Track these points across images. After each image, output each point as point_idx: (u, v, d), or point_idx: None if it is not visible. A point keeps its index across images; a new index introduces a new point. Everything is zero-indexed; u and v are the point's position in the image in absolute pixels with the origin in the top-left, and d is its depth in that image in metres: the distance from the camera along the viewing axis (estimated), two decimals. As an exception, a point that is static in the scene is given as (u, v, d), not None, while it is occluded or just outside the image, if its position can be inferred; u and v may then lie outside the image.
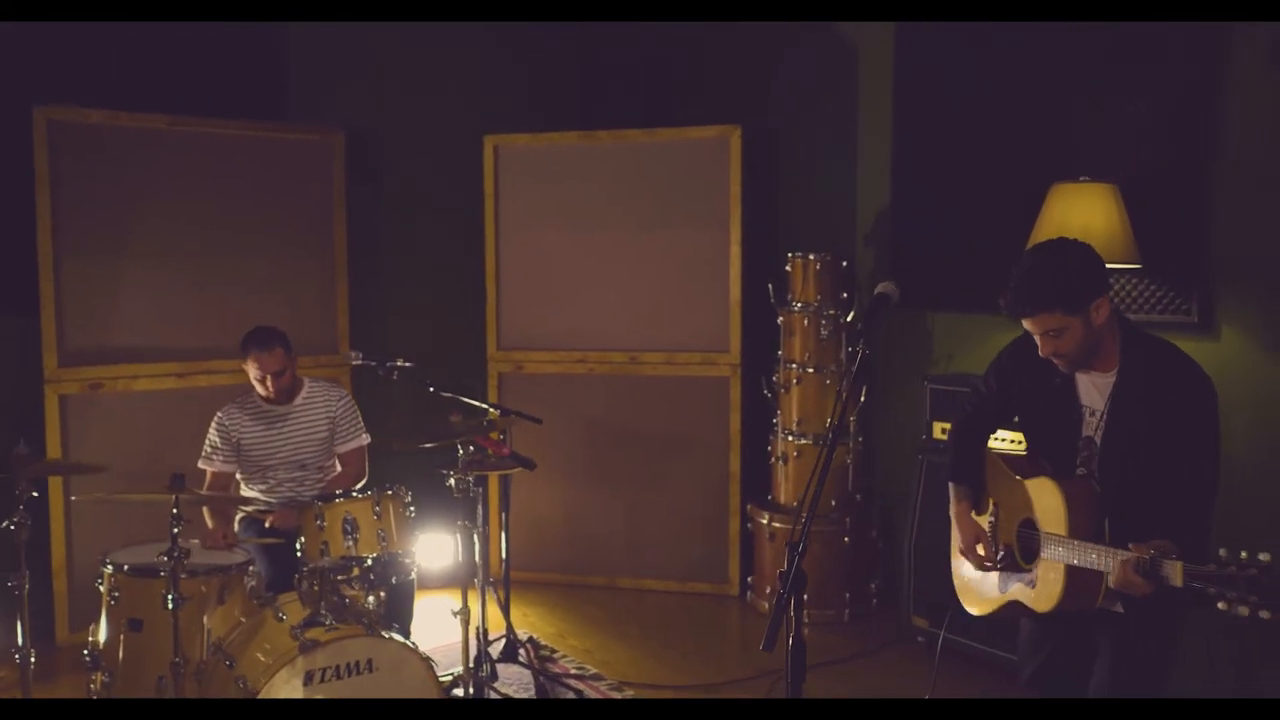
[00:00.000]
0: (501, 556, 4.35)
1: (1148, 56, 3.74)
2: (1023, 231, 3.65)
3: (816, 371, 4.76)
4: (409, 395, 4.30)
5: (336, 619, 3.10)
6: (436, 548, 4.95)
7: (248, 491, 4.11)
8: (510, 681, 3.99)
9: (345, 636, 3.04)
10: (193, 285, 4.74)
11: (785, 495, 4.89)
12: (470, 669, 3.57)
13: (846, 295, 4.80)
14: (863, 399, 4.79)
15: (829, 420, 4.72)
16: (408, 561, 3.53)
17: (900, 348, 4.79)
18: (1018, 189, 3.96)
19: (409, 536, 3.59)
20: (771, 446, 4.96)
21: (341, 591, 3.30)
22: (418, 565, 3.64)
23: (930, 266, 4.56)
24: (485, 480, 4.01)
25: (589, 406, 5.25)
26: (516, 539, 4.98)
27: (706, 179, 5.03)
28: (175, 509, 3.07)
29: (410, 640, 3.31)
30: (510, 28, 5.45)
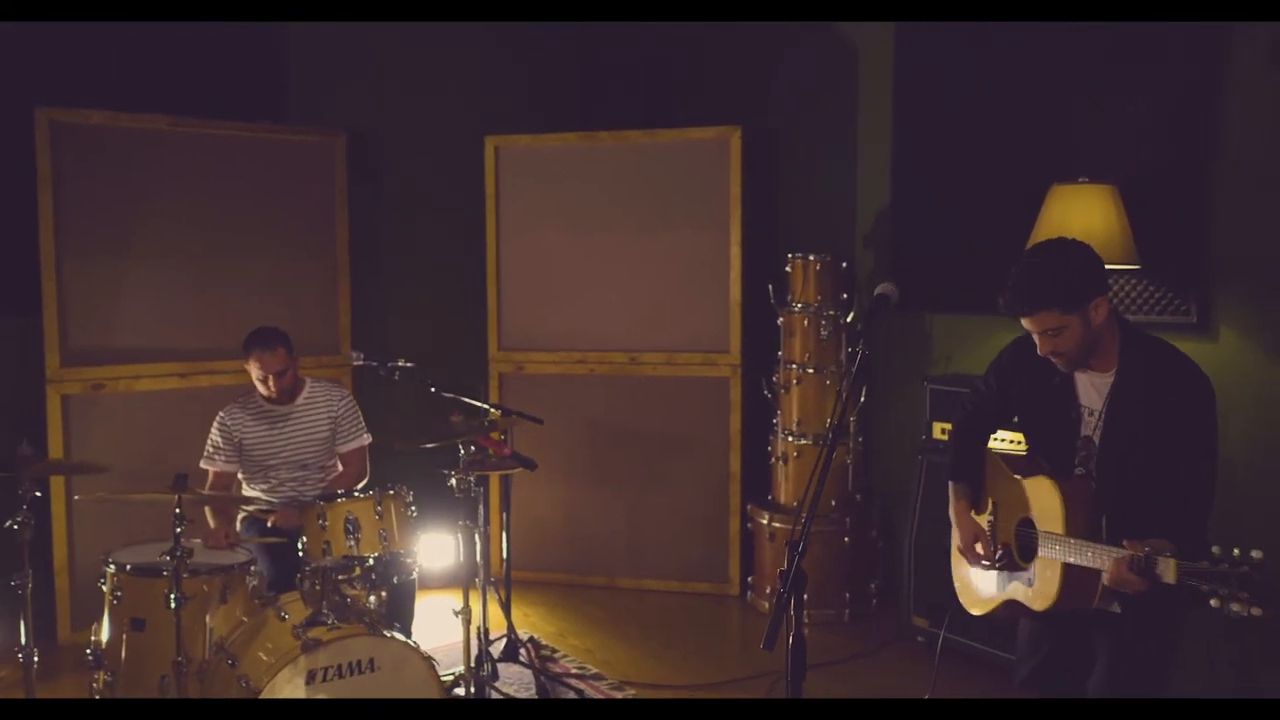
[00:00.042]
0: (502, 556, 4.35)
1: (1148, 56, 3.75)
2: (1022, 232, 3.65)
3: (816, 372, 4.77)
4: (410, 395, 4.30)
5: (338, 618, 3.11)
6: (438, 547, 4.96)
7: (249, 491, 4.12)
8: (511, 681, 4.00)
9: (347, 636, 3.05)
10: (194, 286, 4.75)
11: (785, 495, 4.90)
12: (471, 668, 3.58)
13: (846, 296, 4.81)
14: (862, 399, 4.79)
15: (829, 420, 4.73)
16: (409, 561, 3.54)
17: (900, 348, 4.80)
18: (1018, 189, 3.97)
19: (410, 536, 3.59)
20: (771, 447, 4.97)
21: (343, 591, 3.30)
22: (419, 565, 3.65)
23: (930, 267, 4.57)
24: (486, 480, 4.02)
25: (589, 407, 5.26)
26: (517, 539, 5.00)
27: (706, 180, 5.04)
28: (178, 509, 3.08)
29: (412, 640, 3.32)
30: (510, 28, 5.46)
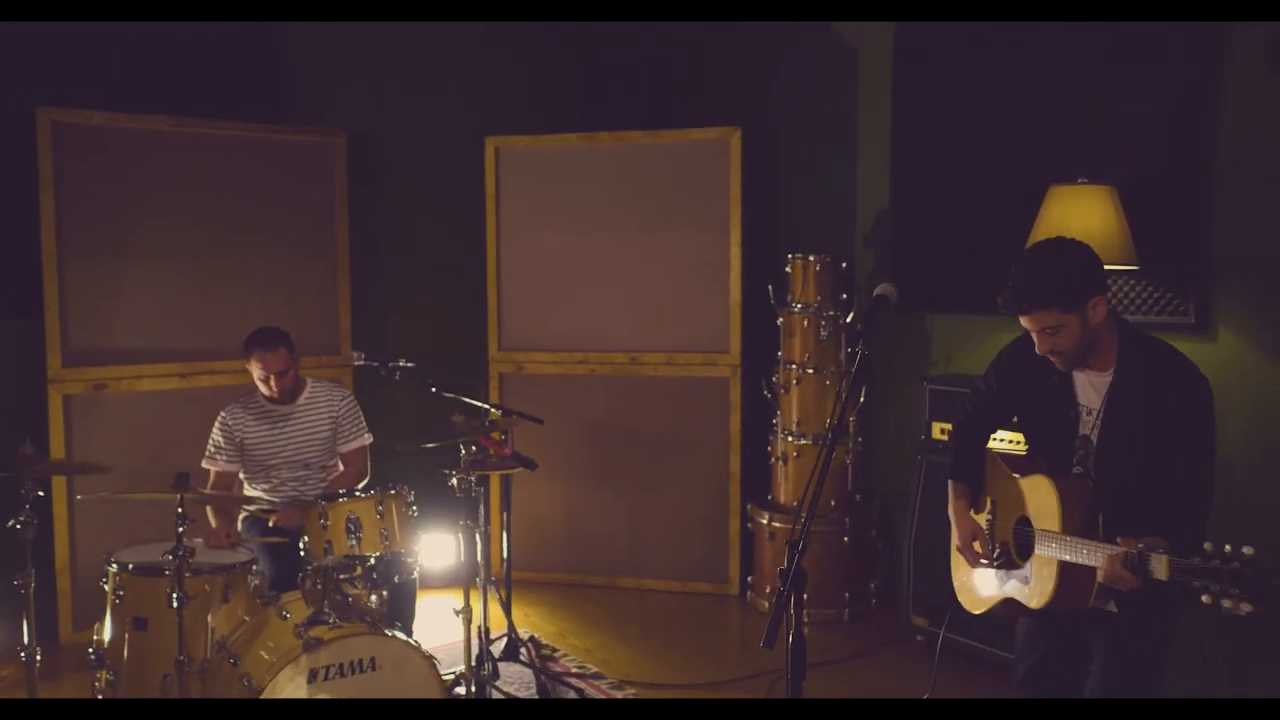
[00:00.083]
0: (503, 556, 4.36)
1: (1147, 57, 3.75)
2: (1022, 233, 3.66)
3: (816, 372, 4.78)
4: (410, 395, 4.32)
5: (340, 617, 3.11)
6: (438, 547, 4.97)
7: (251, 491, 4.12)
8: (512, 680, 4.00)
9: (349, 635, 3.06)
10: (195, 286, 4.76)
11: (785, 495, 4.91)
12: (472, 668, 3.59)
13: (846, 296, 4.82)
14: (862, 399, 4.80)
15: (828, 420, 4.74)
16: (410, 561, 3.55)
17: (899, 348, 4.81)
18: (1017, 190, 3.97)
19: (412, 536, 3.60)
20: (771, 447, 4.98)
21: (345, 590, 3.31)
22: (420, 564, 3.66)
23: (930, 267, 4.58)
24: (487, 480, 4.03)
25: (590, 407, 5.26)
26: (518, 539, 5.01)
27: (707, 180, 5.05)
28: (180, 508, 3.09)
29: (413, 639, 3.33)
30: (510, 28, 5.47)
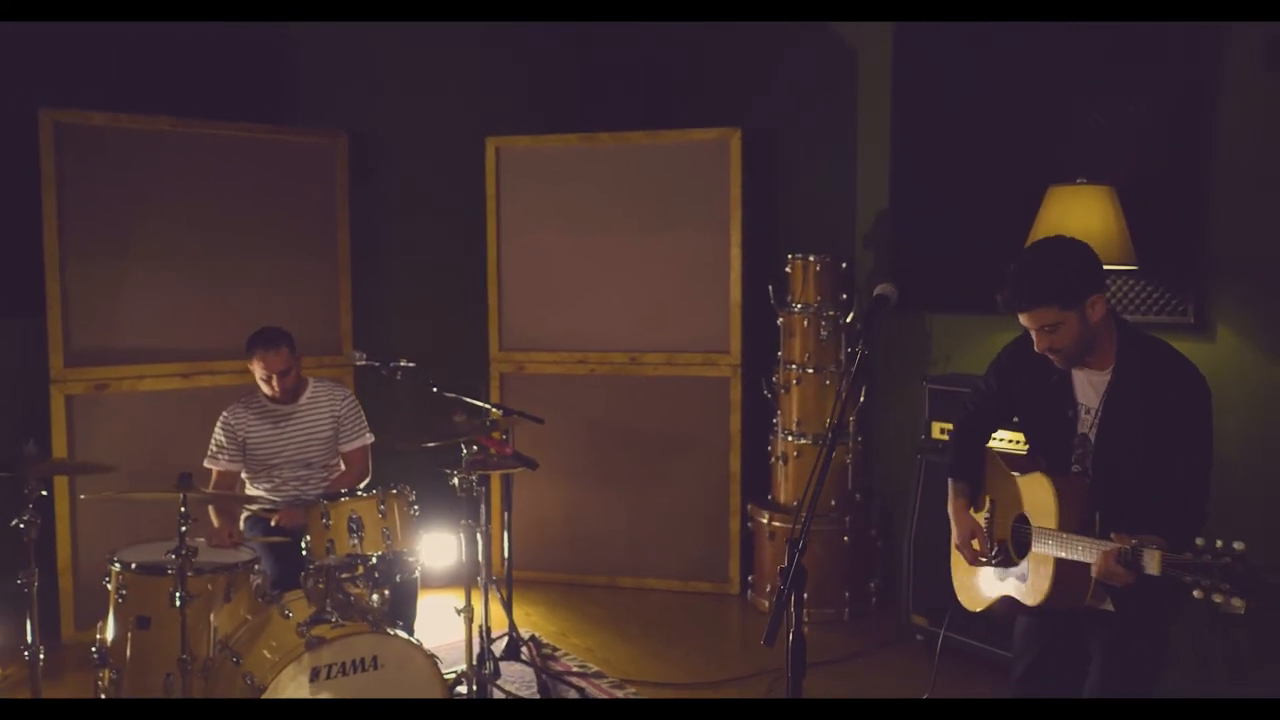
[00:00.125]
0: (504, 555, 4.37)
1: (1147, 57, 3.76)
2: (1021, 233, 3.67)
3: (816, 372, 4.79)
4: (411, 395, 4.33)
5: (342, 616, 3.12)
6: (440, 547, 4.99)
7: (253, 490, 4.13)
8: (513, 679, 4.01)
9: (351, 634, 3.07)
10: (197, 286, 4.77)
11: (785, 495, 4.92)
12: (473, 666, 3.60)
13: (846, 296, 4.83)
14: (862, 399, 4.81)
15: (828, 420, 4.75)
16: (412, 560, 3.55)
17: (899, 348, 4.82)
18: (1017, 190, 3.99)
19: (413, 535, 3.61)
20: (771, 446, 4.99)
21: (346, 589, 3.32)
22: (421, 564, 3.67)
23: (929, 267, 4.59)
24: (488, 480, 4.04)
25: (590, 407, 5.28)
26: (519, 538, 5.02)
27: (707, 181, 5.06)
28: (183, 507, 3.10)
29: (414, 638, 3.34)
30: (510, 28, 5.49)
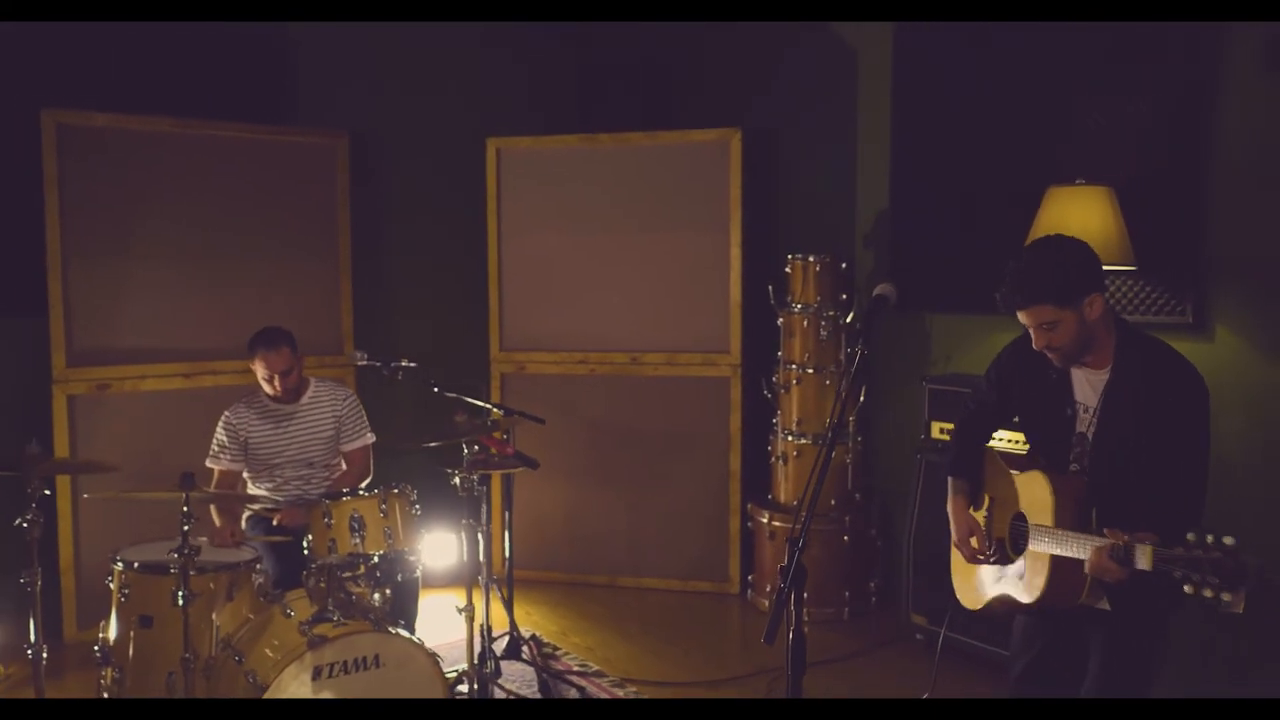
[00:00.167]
0: (505, 555, 4.38)
1: (1147, 57, 3.77)
2: (1021, 233, 3.68)
3: (816, 372, 4.81)
4: (412, 395, 4.34)
5: (344, 615, 3.13)
6: (441, 546, 5.00)
7: (254, 489, 4.14)
8: (514, 678, 4.03)
9: (353, 632, 3.08)
10: (199, 287, 4.78)
11: (785, 494, 4.93)
12: (474, 665, 3.61)
13: (846, 296, 4.84)
14: (862, 399, 4.83)
15: (828, 420, 4.76)
16: (413, 559, 3.57)
17: (899, 348, 4.83)
18: (1017, 190, 3.99)
19: (414, 534, 3.62)
20: (771, 446, 5.01)
21: (348, 588, 3.33)
22: (422, 563, 3.68)
23: (929, 267, 4.60)
24: (489, 479, 4.05)
25: (591, 407, 5.29)
26: (519, 538, 5.03)
27: (707, 182, 5.07)
28: (186, 507, 3.11)
29: (416, 636, 3.35)
30: (510, 28, 5.50)
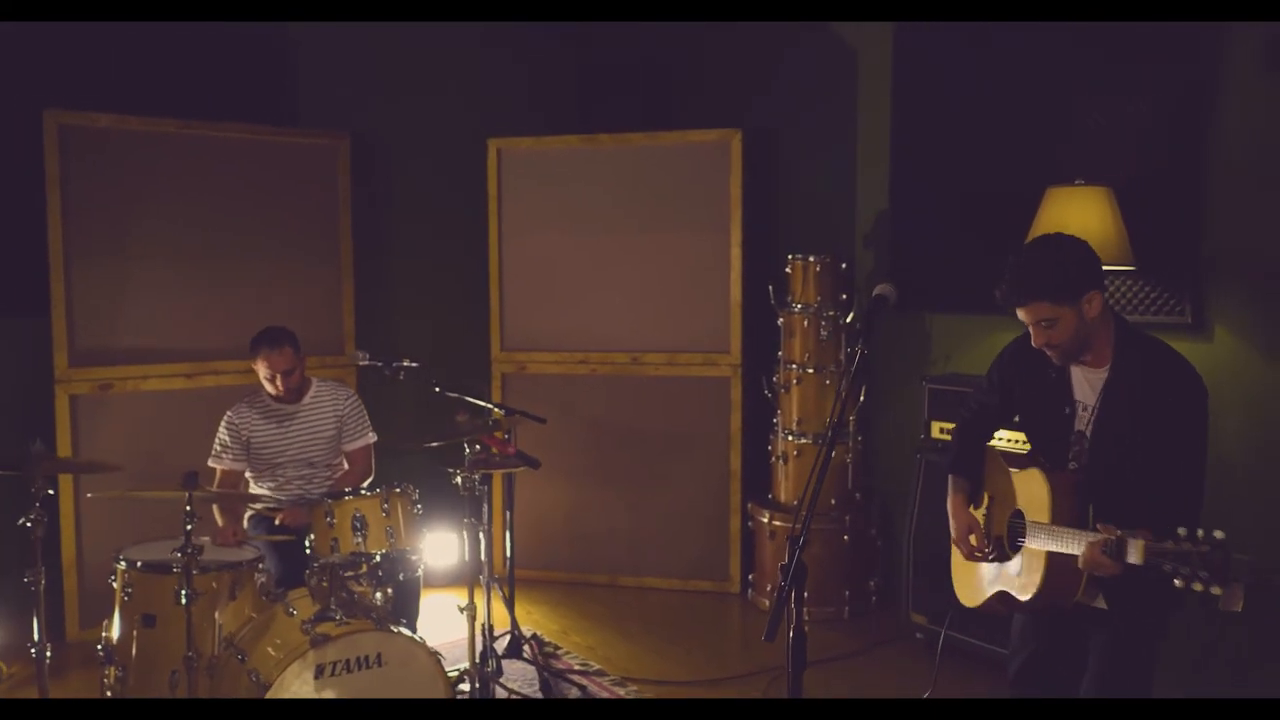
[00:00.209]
0: (506, 554, 4.40)
1: (1147, 57, 3.78)
2: (1021, 233, 3.68)
3: (816, 372, 4.82)
4: (414, 395, 4.35)
5: (346, 614, 3.14)
6: (442, 545, 5.01)
7: (256, 489, 4.16)
8: (515, 677, 4.04)
9: (355, 631, 3.09)
10: (201, 287, 4.79)
11: (785, 494, 4.94)
12: (476, 664, 3.62)
13: (846, 296, 4.85)
14: (862, 399, 4.84)
15: (828, 420, 4.77)
16: (414, 558, 3.58)
17: (899, 348, 4.84)
18: (1016, 190, 4.00)
19: (416, 534, 3.64)
20: (772, 446, 5.02)
21: (350, 587, 3.34)
22: (424, 562, 3.69)
23: (929, 267, 4.61)
24: (490, 479, 4.07)
25: (591, 407, 5.30)
26: (521, 537, 5.04)
27: (707, 182, 5.08)
28: (189, 506, 3.12)
29: (418, 635, 3.36)
30: (510, 28, 5.51)
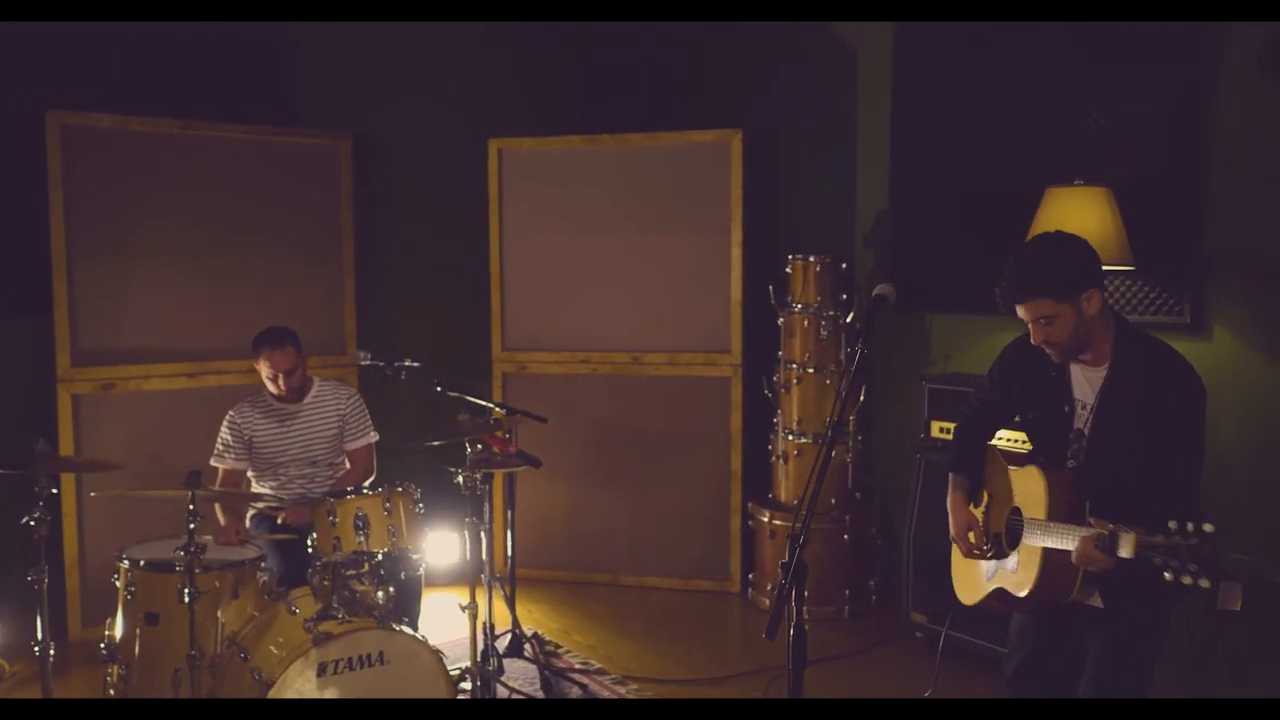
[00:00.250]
0: (507, 553, 4.41)
1: (1147, 57, 3.79)
2: (1020, 233, 3.69)
3: (816, 371, 4.83)
4: (415, 395, 4.37)
5: (348, 612, 3.16)
6: (443, 544, 5.02)
7: (258, 488, 4.17)
8: (516, 676, 4.05)
9: (358, 629, 3.10)
10: (203, 287, 4.81)
11: (786, 493, 4.95)
12: (477, 663, 3.63)
13: (846, 296, 4.86)
14: (862, 398, 4.85)
15: (828, 419, 4.78)
16: (416, 557, 3.59)
17: (899, 348, 4.85)
18: (1016, 190, 4.01)
19: (418, 533, 3.65)
20: (772, 445, 5.03)
21: (352, 586, 3.35)
22: (425, 561, 3.70)
23: (929, 267, 4.62)
24: (491, 478, 4.08)
25: (592, 406, 5.31)
26: (521, 537, 5.06)
27: (708, 182, 5.09)
28: (191, 505, 3.14)
29: (420, 634, 3.37)
30: (510, 28, 5.52)
